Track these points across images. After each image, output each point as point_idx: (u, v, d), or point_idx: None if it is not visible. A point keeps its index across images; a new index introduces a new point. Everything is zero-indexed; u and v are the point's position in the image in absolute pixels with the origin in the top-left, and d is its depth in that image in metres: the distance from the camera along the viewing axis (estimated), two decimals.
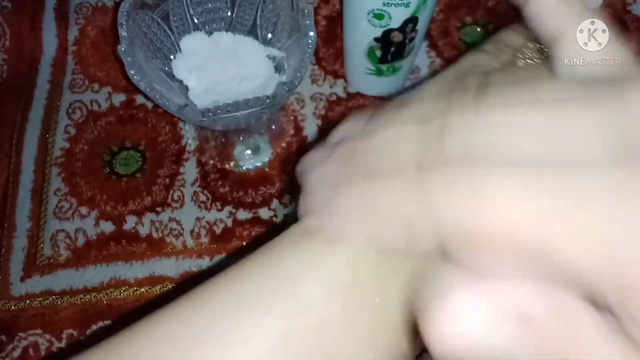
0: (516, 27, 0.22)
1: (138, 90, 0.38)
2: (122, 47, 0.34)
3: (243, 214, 0.42)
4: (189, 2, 0.40)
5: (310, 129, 0.45)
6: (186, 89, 0.40)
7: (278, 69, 0.41)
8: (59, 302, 0.40)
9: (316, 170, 0.19)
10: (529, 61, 0.22)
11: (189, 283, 0.19)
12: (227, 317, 0.17)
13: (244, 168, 0.44)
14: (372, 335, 0.17)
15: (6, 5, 0.49)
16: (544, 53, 0.21)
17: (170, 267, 0.41)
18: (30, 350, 0.38)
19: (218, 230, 0.42)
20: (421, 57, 0.48)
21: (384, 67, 0.42)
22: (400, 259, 0.17)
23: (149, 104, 0.47)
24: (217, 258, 0.41)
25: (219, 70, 0.40)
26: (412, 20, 0.36)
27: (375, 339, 0.17)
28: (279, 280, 0.17)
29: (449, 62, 0.41)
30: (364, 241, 0.17)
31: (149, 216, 0.42)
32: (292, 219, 0.20)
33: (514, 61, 0.21)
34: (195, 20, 0.41)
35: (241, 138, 0.44)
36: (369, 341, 0.17)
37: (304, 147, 0.45)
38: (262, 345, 0.16)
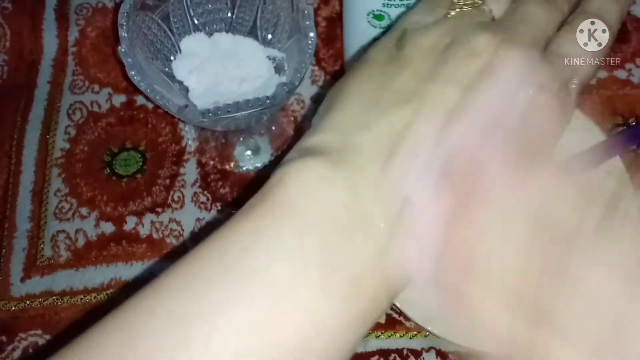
0: None
1: (138, 91, 0.38)
2: (122, 48, 0.34)
3: None
4: (189, 3, 0.40)
5: None
6: (186, 89, 0.40)
7: (278, 69, 0.41)
8: (59, 303, 0.40)
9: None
10: (462, 9, 0.24)
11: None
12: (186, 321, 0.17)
13: (244, 169, 0.44)
14: None
15: (6, 6, 0.49)
16: (476, 3, 0.23)
17: None
18: (31, 350, 0.38)
19: None
20: None
21: None
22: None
23: (149, 105, 0.47)
24: None
25: (219, 71, 0.40)
26: None
27: None
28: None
29: None
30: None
31: (149, 217, 0.42)
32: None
33: (447, 13, 0.23)
34: (196, 21, 0.41)
35: (241, 139, 0.44)
36: None
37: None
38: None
